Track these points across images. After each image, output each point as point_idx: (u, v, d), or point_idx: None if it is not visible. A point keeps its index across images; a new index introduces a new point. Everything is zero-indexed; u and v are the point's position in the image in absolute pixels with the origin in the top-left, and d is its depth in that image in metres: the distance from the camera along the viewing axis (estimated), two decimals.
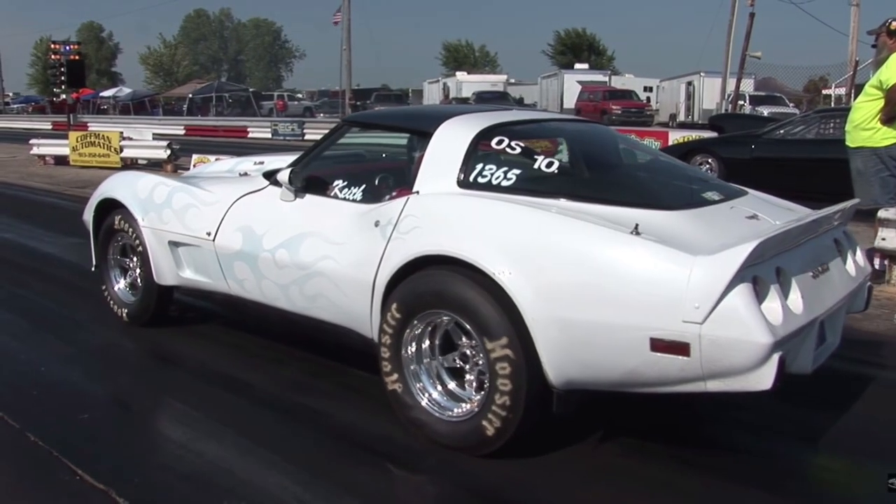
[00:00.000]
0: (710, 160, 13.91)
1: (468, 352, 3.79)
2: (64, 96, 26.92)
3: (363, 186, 4.46)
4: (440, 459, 3.83)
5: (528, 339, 3.47)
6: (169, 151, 18.45)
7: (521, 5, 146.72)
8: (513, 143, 4.13)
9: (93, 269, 6.09)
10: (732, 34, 33.08)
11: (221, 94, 48.66)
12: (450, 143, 4.16)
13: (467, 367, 3.82)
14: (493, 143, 4.14)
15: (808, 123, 13.25)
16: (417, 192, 4.08)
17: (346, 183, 4.52)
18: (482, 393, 3.71)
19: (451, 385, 3.91)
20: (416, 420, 3.90)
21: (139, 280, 5.71)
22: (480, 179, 3.99)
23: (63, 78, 25.08)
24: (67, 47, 25.70)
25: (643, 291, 3.21)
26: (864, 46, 29.50)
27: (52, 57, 25.37)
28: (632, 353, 3.26)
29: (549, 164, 4.00)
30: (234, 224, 4.87)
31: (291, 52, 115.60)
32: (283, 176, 4.64)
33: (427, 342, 3.92)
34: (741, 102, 32.13)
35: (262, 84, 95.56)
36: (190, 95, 50.36)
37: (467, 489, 3.61)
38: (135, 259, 5.73)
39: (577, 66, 50.39)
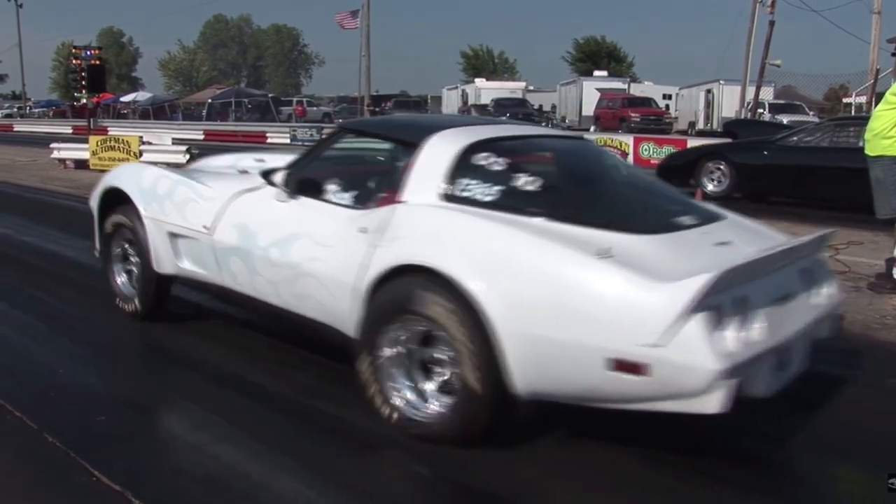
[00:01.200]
0: (721, 166, 13.91)
1: (439, 356, 3.96)
2: (84, 101, 27.10)
3: (354, 192, 4.62)
4: (457, 463, 3.88)
5: (495, 349, 3.64)
6: (188, 156, 18.40)
7: (541, 12, 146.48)
8: (498, 160, 4.26)
9: (96, 253, 6.32)
10: (752, 42, 32.98)
11: (241, 99, 48.85)
12: (437, 155, 4.32)
13: (438, 370, 4.01)
14: (479, 158, 4.28)
15: (823, 131, 13.21)
16: (404, 202, 4.24)
17: (338, 187, 4.70)
18: (451, 396, 3.91)
19: (423, 386, 4.08)
20: (388, 417, 4.11)
21: (137, 270, 5.92)
22: (464, 193, 4.13)
23: (84, 82, 25.26)
24: (88, 52, 25.96)
25: (606, 313, 3.39)
26: (885, 55, 29.38)
27: (74, 62, 25.60)
28: (592, 371, 3.44)
29: (532, 182, 4.13)
30: (230, 220, 5.07)
31: (311, 58, 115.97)
32: (279, 178, 4.87)
33: (402, 347, 4.09)
34: (760, 110, 32.06)
35: (281, 90, 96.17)
36: (209, 101, 50.58)
37: (488, 494, 3.66)
38: (135, 250, 5.93)
39: (596, 73, 50.36)
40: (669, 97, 47.03)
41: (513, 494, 3.65)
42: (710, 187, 13.67)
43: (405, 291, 3.94)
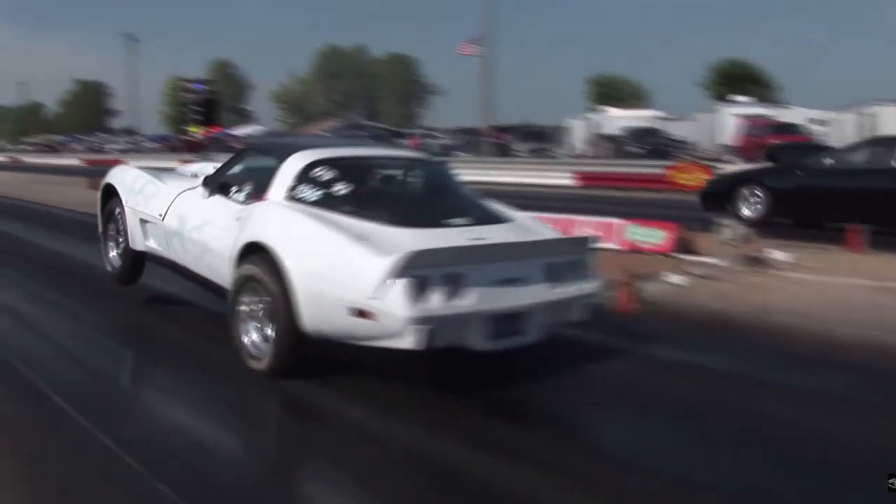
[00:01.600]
0: (757, 191, 13.87)
1: (266, 308, 5.67)
2: (194, 134, 25.83)
3: (244, 193, 6.44)
4: None
5: (291, 300, 5.41)
6: None
7: (675, 36, 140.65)
8: (326, 173, 6.14)
9: (99, 232, 8.17)
10: None
11: (356, 132, 47.25)
12: (289, 169, 6.19)
13: (269, 320, 5.68)
14: (316, 171, 6.15)
15: (859, 151, 13.19)
16: (264, 201, 6.10)
17: (236, 189, 6.54)
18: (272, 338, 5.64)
19: (265, 331, 5.74)
20: (241, 353, 5.87)
21: (121, 247, 7.86)
22: (299, 195, 6.02)
23: (196, 116, 23.80)
24: (199, 85, 24.46)
25: (349, 276, 5.18)
26: None
27: (185, 94, 24.12)
28: (344, 317, 5.20)
29: (344, 189, 6.06)
30: (174, 210, 6.96)
31: (428, 88, 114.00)
32: (202, 181, 6.87)
33: (250, 303, 5.83)
34: None
35: (397, 121, 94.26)
36: (324, 133, 49.20)
37: None
38: (121, 231, 7.82)
39: (735, 98, 47.26)
40: (822, 122, 43.32)
41: None
42: (746, 213, 13.71)
43: (249, 262, 5.82)
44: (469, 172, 16.65)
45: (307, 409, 5.40)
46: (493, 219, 6.24)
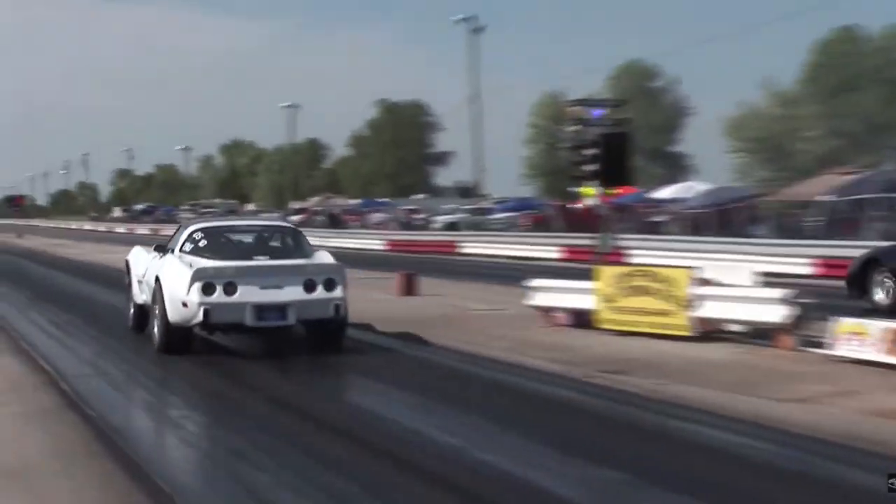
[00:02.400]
0: (887, 275, 14.04)
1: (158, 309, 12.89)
2: (590, 198, 15.33)
3: (170, 250, 13.15)
4: None
5: (162, 303, 11.96)
6: (791, 312, 11.84)
7: None
8: (200, 234, 12.95)
9: (127, 284, 15.25)
10: None
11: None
12: (184, 233, 13.13)
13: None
14: (196, 234, 13.01)
15: None
16: (169, 252, 13.05)
17: (169, 248, 13.16)
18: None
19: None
20: (153, 337, 12.98)
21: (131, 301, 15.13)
22: (181, 248, 12.71)
23: (589, 165, 13.17)
24: (598, 111, 13.78)
25: (180, 284, 11.77)
26: None
27: (572, 128, 13.55)
28: (180, 307, 11.78)
29: (202, 242, 12.73)
30: (148, 272, 13.35)
31: None
32: (154, 248, 14.47)
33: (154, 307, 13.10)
34: None
35: None
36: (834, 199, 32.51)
37: None
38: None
39: None
40: None
41: None
42: (878, 297, 13.64)
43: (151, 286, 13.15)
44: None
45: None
46: (291, 255, 12.65)
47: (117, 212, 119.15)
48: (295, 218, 63.07)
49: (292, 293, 11.52)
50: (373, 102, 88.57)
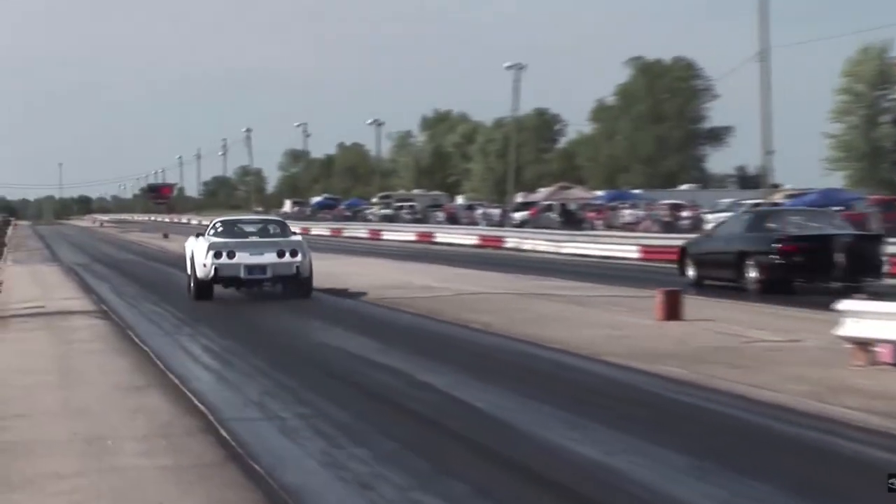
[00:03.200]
0: None
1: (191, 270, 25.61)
2: None
3: (203, 235, 24.02)
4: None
5: (194, 262, 22.66)
6: None
7: None
8: (220, 226, 23.41)
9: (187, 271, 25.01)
10: None
11: None
12: (211, 226, 23.97)
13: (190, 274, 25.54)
14: (219, 225, 23.59)
15: None
16: (202, 237, 23.79)
17: (202, 235, 23.81)
18: None
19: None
20: (188, 289, 24.58)
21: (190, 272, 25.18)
22: (207, 234, 22.78)
23: None
24: None
25: (202, 253, 21.35)
26: None
27: None
28: (202, 267, 20.86)
29: (222, 230, 22.86)
30: (192, 251, 23.32)
31: None
32: (195, 235, 25.91)
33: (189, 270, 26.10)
34: None
35: None
36: None
37: None
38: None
39: None
40: None
41: None
42: None
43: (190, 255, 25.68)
44: None
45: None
46: (276, 236, 21.85)
47: (287, 205, 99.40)
48: (518, 215, 56.64)
49: (270, 258, 20.50)
50: (624, 62, 75.46)
